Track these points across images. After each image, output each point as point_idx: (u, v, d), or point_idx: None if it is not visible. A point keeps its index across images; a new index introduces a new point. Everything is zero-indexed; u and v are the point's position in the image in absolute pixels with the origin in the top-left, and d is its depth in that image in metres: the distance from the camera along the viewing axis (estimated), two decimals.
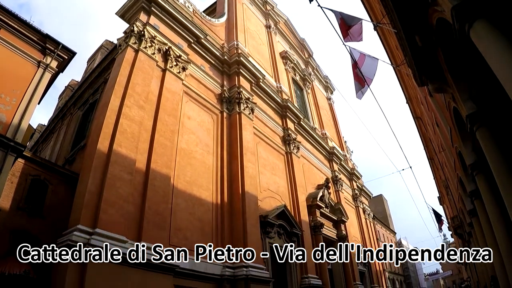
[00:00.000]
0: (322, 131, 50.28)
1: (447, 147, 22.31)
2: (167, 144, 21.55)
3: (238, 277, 22.52)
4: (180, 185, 22.22)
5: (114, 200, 17.03)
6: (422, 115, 33.98)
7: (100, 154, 17.56)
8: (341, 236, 42.39)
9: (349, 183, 55.61)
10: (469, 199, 19.39)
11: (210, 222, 23.55)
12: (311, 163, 42.96)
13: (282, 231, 29.89)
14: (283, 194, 33.00)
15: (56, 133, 32.74)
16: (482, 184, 13.92)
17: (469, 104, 10.48)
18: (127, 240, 16.90)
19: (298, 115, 39.61)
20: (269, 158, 33.02)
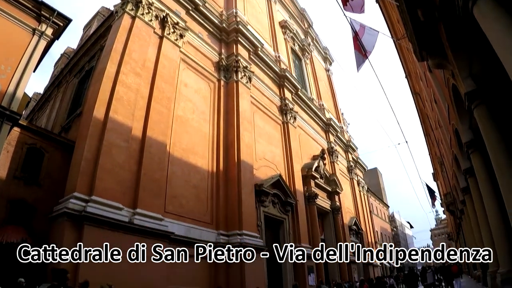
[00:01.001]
0: (319, 102, 50.09)
1: (444, 124, 22.29)
2: (164, 112, 21.48)
3: (232, 244, 22.84)
4: (176, 152, 22.26)
5: (110, 167, 17.12)
6: (420, 91, 33.83)
7: (96, 121, 17.51)
8: (335, 207, 42.92)
9: (345, 155, 55.90)
10: (463, 176, 19.52)
11: (206, 189, 23.72)
12: (308, 133, 43.04)
13: (276, 200, 30.19)
14: (279, 163, 33.16)
15: (52, 101, 32.45)
16: (477, 163, 14.01)
17: (469, 81, 10.42)
18: (123, 207, 17.11)
19: (295, 85, 39.38)
20: (266, 127, 33.02)
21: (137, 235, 17.05)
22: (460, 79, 10.68)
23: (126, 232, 16.63)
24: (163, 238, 18.45)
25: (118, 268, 15.57)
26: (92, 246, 15.02)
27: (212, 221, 23.26)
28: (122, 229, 16.47)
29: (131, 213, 17.48)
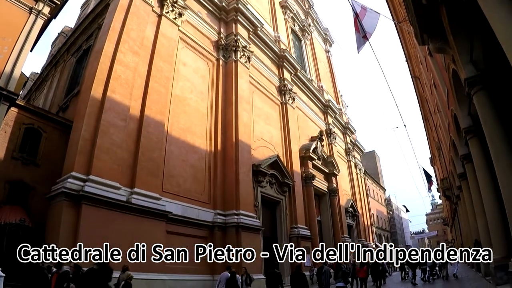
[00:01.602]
0: (318, 83, 49.81)
1: (443, 109, 22.22)
2: (162, 91, 21.38)
3: (229, 224, 23.10)
4: (174, 132, 22.24)
5: (108, 146, 17.14)
6: (420, 75, 33.61)
7: (93, 100, 17.45)
8: (331, 189, 43.15)
9: (343, 137, 55.90)
10: (461, 162, 19.56)
11: (203, 169, 23.80)
12: (306, 114, 42.93)
13: (274, 181, 30.32)
14: (277, 144, 33.20)
15: (50, 80, 32.20)
16: (475, 149, 14.01)
17: (469, 67, 10.34)
18: (120, 186, 17.19)
19: (295, 65, 39.12)
20: (264, 108, 32.93)
21: (134, 215, 17.19)
22: (461, 64, 10.60)
23: (123, 211, 16.75)
24: (161, 218, 18.62)
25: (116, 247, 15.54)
26: (90, 225, 15.18)
27: (209, 201, 23.40)
28: (120, 209, 16.59)
29: (128, 193, 17.56)
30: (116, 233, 16.02)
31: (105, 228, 15.71)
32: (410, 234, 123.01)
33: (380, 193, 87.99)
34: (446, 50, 11.80)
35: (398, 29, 29.36)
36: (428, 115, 40.22)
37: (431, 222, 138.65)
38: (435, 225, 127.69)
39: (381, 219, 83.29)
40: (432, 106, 30.76)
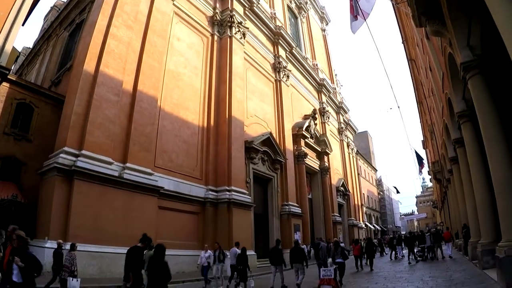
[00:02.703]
0: (313, 61, 49.53)
1: (437, 92, 22.22)
2: (155, 66, 21.21)
3: (221, 200, 23.35)
4: (167, 107, 22.19)
5: (100, 121, 17.10)
6: (416, 58, 33.51)
7: (86, 75, 17.30)
8: (323, 168, 43.46)
9: (336, 116, 55.98)
10: (453, 146, 19.63)
11: (196, 145, 23.88)
12: (300, 92, 42.88)
13: (266, 158, 30.50)
14: (270, 121, 33.27)
15: (42, 55, 31.74)
16: (467, 133, 14.06)
17: (466, 52, 10.29)
18: (113, 161, 17.24)
19: (290, 43, 38.86)
20: (258, 85, 32.87)
21: (127, 190, 17.31)
22: (457, 48, 10.56)
23: (116, 186, 16.85)
24: (153, 193, 18.76)
25: (108, 223, 15.92)
26: (82, 200, 15.28)
27: (201, 177, 23.56)
28: (112, 184, 16.68)
29: (121, 168, 17.62)
30: (108, 208, 16.19)
31: (97, 203, 15.83)
32: (399, 215, 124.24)
33: (371, 174, 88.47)
34: (443, 33, 11.75)
35: (396, 11, 29.20)
36: (422, 98, 40.23)
37: (420, 204, 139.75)
38: (424, 207, 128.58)
39: (371, 199, 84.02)
40: (426, 89, 30.76)
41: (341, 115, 57.35)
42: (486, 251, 12.32)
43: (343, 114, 57.93)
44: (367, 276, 16.86)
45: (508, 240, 8.96)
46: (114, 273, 14.81)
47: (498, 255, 9.17)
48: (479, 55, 10.16)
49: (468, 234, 18.80)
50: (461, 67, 10.62)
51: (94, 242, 13.61)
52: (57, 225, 14.60)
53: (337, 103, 55.84)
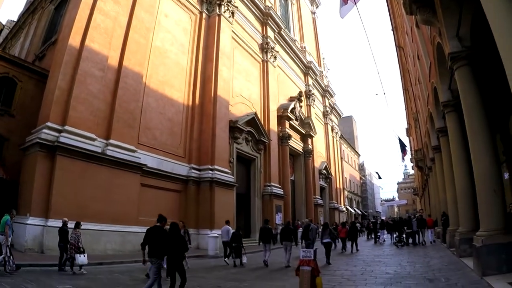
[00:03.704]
0: (301, 44, 49.23)
1: (424, 81, 22.44)
2: (141, 42, 20.92)
3: (204, 179, 23.48)
4: (152, 84, 22.01)
5: (84, 97, 16.91)
6: (404, 46, 33.66)
7: (71, 49, 16.99)
8: (307, 150, 43.77)
9: (322, 99, 56.08)
10: (436, 135, 19.88)
11: (180, 123, 23.85)
12: (287, 74, 42.77)
13: (250, 138, 30.64)
14: (255, 101, 33.28)
15: (26, 28, 30.87)
16: (451, 123, 14.29)
17: (454, 42, 10.45)
18: (96, 137, 17.13)
19: (279, 24, 38.55)
20: (245, 64, 32.74)
21: (109, 166, 17.27)
22: (446, 38, 10.66)
23: (98, 163, 16.79)
24: (136, 170, 18.76)
25: (91, 199, 15.92)
26: (65, 176, 15.23)
27: (184, 155, 23.60)
28: (95, 160, 16.60)
29: (104, 144, 17.53)
30: (91, 185, 16.16)
31: (80, 180, 15.78)
32: (380, 200, 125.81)
33: (354, 158, 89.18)
34: (433, 22, 11.83)
35: None
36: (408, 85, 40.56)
37: (401, 190, 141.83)
38: (405, 194, 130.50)
39: (353, 184, 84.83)
40: (413, 77, 31.02)
41: (327, 99, 57.50)
42: (464, 239, 12.71)
43: (328, 98, 58.07)
44: (347, 258, 17.32)
45: (486, 229, 9.26)
46: (95, 250, 14.94)
47: (475, 244, 9.44)
48: (467, 46, 10.31)
49: (447, 222, 19.28)
50: (449, 57, 10.77)
51: (76, 219, 13.57)
52: (39, 201, 14.57)
53: (323, 86, 55.89)
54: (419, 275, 10.76)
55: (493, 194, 9.35)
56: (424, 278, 10.18)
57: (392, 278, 10.51)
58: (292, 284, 9.33)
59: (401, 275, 10.94)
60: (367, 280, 10.40)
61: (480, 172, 9.77)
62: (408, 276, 10.79)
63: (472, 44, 10.27)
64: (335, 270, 12.88)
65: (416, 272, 11.46)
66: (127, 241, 17.26)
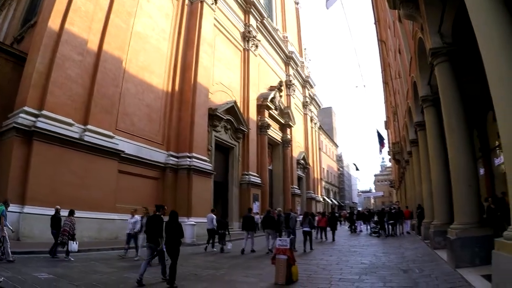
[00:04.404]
0: (283, 33, 49.16)
1: (404, 75, 22.75)
2: (122, 26, 20.58)
3: (182, 166, 23.47)
4: (131, 69, 21.74)
5: (63, 81, 16.59)
6: (386, 39, 33.96)
7: (50, 32, 16.59)
8: (285, 140, 44.00)
9: (302, 90, 56.30)
10: (414, 129, 20.27)
11: (159, 109, 23.68)
12: (267, 63, 42.73)
13: (229, 126, 30.66)
14: (235, 90, 33.23)
15: (5, 10, 29.85)
16: (429, 118, 14.55)
17: (436, 38, 10.59)
18: (74, 123, 16.86)
19: (262, 13, 38.39)
20: (226, 52, 32.57)
21: (87, 152, 17.06)
22: (428, 34, 10.79)
23: (76, 149, 16.57)
24: (113, 156, 18.60)
25: (68, 186, 15.74)
26: (42, 162, 15.01)
27: (163, 142, 23.50)
28: (72, 146, 16.39)
29: (81, 129, 17.28)
30: (68, 171, 15.98)
31: (57, 166, 15.59)
32: (357, 191, 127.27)
33: (332, 149, 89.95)
34: (416, 17, 11.96)
35: None
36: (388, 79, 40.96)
37: (378, 182, 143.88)
38: (382, 186, 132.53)
39: (331, 174, 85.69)
40: (394, 71, 31.35)
41: (307, 89, 57.74)
42: (438, 232, 13.05)
43: (309, 89, 58.33)
44: (323, 248, 17.56)
45: (460, 223, 9.52)
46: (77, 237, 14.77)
47: (449, 236, 9.69)
48: (449, 43, 10.45)
49: (422, 215, 19.71)
50: (429, 52, 10.91)
51: (53, 205, 13.45)
52: (15, 187, 14.34)
53: (304, 77, 56.06)
54: (393, 266, 10.99)
55: (468, 188, 9.60)
56: (399, 268, 10.40)
57: (367, 268, 10.72)
58: (268, 272, 9.47)
59: (376, 266, 11.17)
60: (343, 269, 10.57)
61: (456, 166, 10.01)
62: (383, 266, 11.02)
63: (453, 41, 10.42)
64: (311, 259, 13.11)
65: (391, 263, 11.69)
66: (104, 228, 17.23)
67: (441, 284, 7.80)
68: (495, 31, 5.80)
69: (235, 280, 9.23)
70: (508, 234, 5.31)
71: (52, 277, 8.71)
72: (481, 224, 9.35)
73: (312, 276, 9.46)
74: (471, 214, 9.45)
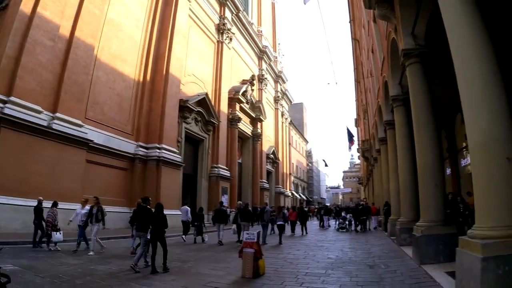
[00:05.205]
0: (258, 27, 49.35)
1: (376, 74, 23.11)
2: (96, 13, 20.10)
3: (151, 157, 23.30)
4: (103, 57, 21.30)
5: (32, 67, 16.10)
6: (360, 38, 34.36)
7: (22, 16, 15.98)
8: (256, 134, 44.21)
9: (274, 84, 56.64)
10: (383, 127, 20.62)
11: (130, 99, 23.36)
12: (241, 57, 42.75)
13: (199, 118, 30.57)
14: (207, 82, 33.08)
15: None
16: (399, 117, 14.87)
17: (409, 40, 10.79)
18: (42, 110, 16.41)
19: (238, 6, 38.33)
20: (200, 44, 32.38)
21: (55, 141, 16.66)
22: (402, 35, 10.98)
23: (44, 137, 16.15)
24: (82, 146, 18.25)
25: (35, 175, 15.38)
26: (9, 151, 14.59)
27: (132, 132, 23.25)
28: (41, 134, 15.96)
29: (50, 117, 16.83)
30: (35, 160, 15.61)
31: (24, 155, 15.19)
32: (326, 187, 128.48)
33: (302, 145, 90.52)
34: (390, 18, 12.14)
35: None
36: (360, 78, 41.48)
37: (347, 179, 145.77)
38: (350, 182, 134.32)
39: (300, 170, 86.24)
40: (366, 70, 31.78)
41: (279, 84, 58.08)
42: (404, 229, 13.35)
43: (281, 84, 58.66)
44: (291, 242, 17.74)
45: (426, 220, 9.75)
46: None
47: (415, 233, 9.93)
48: (421, 45, 10.66)
49: (389, 212, 20.15)
50: (402, 53, 11.09)
51: (19, 195, 13.18)
52: None
53: (277, 72, 56.34)
54: (360, 261, 11.22)
55: (435, 187, 9.84)
56: (365, 264, 10.62)
57: (333, 263, 10.91)
58: (235, 265, 9.56)
59: (343, 260, 11.38)
60: (309, 264, 10.75)
61: (424, 165, 10.23)
62: (349, 261, 11.24)
63: (426, 43, 10.65)
64: (279, 253, 13.25)
65: (357, 258, 11.92)
66: None
67: (406, 280, 8.02)
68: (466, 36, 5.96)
69: (202, 273, 9.29)
70: (472, 232, 5.50)
71: (18, 269, 8.57)
72: (446, 222, 9.66)
73: (279, 270, 9.58)
74: (436, 213, 9.70)
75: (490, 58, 5.71)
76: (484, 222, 5.38)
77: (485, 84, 5.62)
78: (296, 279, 8.44)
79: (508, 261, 4.78)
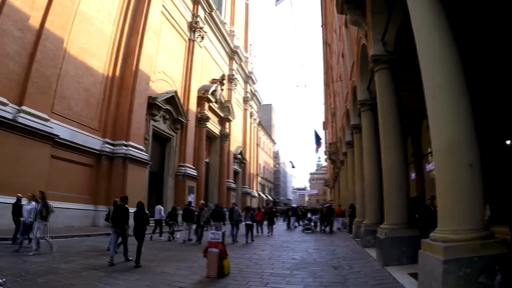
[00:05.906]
0: (231, 27, 49.37)
1: (345, 79, 23.55)
2: (67, 4, 19.62)
3: (117, 154, 23.02)
4: (72, 50, 20.83)
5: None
6: (331, 43, 34.86)
7: None
8: (224, 134, 44.26)
9: (244, 85, 56.80)
10: (350, 131, 21.08)
11: (98, 94, 22.97)
12: (212, 56, 42.68)
13: (168, 116, 30.36)
14: (177, 80, 32.92)
15: None
16: (366, 121, 15.21)
17: (379, 46, 11.05)
18: (8, 102, 15.91)
19: (211, 5, 38.30)
20: (171, 41, 32.20)
21: (20, 135, 16.13)
22: (372, 41, 11.25)
23: (8, 130, 15.60)
24: (47, 140, 17.76)
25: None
26: None
27: (99, 128, 22.87)
28: (5, 127, 15.42)
29: (15, 110, 16.32)
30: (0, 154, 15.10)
31: None
32: (292, 188, 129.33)
33: (270, 146, 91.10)
34: (361, 24, 12.43)
35: None
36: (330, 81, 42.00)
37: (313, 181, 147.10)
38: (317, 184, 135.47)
39: (267, 170, 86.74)
40: (335, 74, 32.24)
41: (249, 85, 58.29)
42: (369, 231, 13.66)
43: (251, 84, 58.89)
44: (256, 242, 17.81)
45: (390, 223, 10.00)
46: (1, 225, 13.97)
47: (379, 236, 10.16)
48: (390, 51, 10.92)
49: (354, 214, 20.57)
50: (371, 59, 11.33)
51: None
52: None
53: (247, 72, 56.53)
54: (324, 262, 11.35)
55: (399, 191, 10.10)
56: (329, 265, 10.75)
57: (298, 263, 11.02)
58: (200, 265, 9.54)
59: (307, 261, 11.49)
60: (274, 264, 10.86)
61: (389, 169, 10.44)
62: (314, 262, 11.36)
63: (395, 49, 10.93)
64: (244, 254, 13.31)
65: (322, 259, 12.04)
66: None
67: (370, 281, 8.19)
68: (433, 42, 6.13)
69: (167, 272, 9.26)
70: (434, 235, 5.71)
71: None
72: (410, 225, 9.91)
73: (244, 270, 9.64)
74: (400, 216, 9.95)
75: (456, 65, 5.94)
76: (446, 225, 5.60)
77: (450, 91, 5.85)
78: (261, 279, 8.53)
79: (469, 264, 5.00)
